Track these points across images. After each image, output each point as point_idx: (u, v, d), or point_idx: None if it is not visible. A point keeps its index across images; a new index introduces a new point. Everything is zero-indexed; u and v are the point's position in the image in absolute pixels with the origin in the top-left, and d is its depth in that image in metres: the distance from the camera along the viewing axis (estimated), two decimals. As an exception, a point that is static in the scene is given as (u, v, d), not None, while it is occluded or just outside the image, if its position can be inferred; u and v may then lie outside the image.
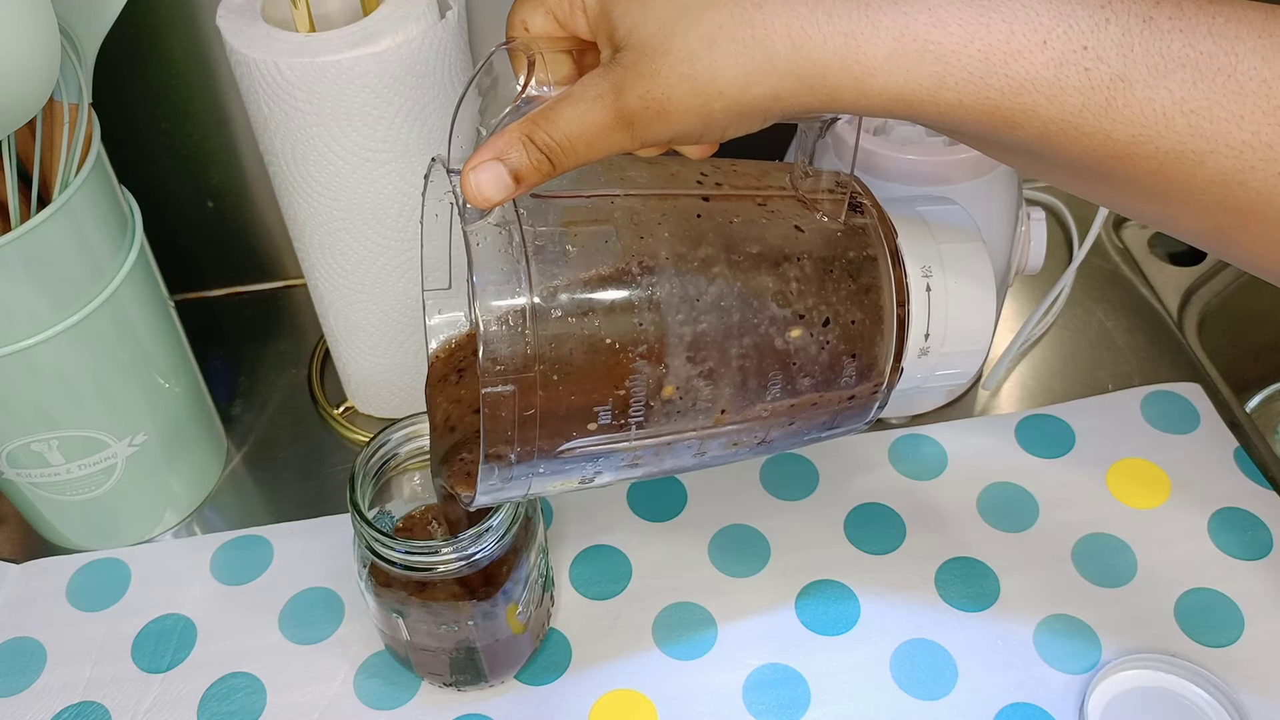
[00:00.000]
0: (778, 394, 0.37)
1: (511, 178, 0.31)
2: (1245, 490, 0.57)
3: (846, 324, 0.37)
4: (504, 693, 0.50)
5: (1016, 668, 0.50)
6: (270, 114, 0.48)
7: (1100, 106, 0.28)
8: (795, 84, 0.29)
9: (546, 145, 0.31)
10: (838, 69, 0.29)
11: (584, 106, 0.31)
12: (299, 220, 0.53)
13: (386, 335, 0.57)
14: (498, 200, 0.31)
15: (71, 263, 0.47)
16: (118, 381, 0.52)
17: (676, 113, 0.30)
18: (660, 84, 0.30)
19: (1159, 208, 0.30)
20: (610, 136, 0.31)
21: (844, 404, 0.38)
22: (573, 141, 0.31)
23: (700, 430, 0.36)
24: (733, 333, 0.36)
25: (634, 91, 0.30)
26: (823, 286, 0.37)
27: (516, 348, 0.33)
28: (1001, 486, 0.58)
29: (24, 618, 0.54)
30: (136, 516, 0.57)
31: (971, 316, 0.39)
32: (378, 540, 0.43)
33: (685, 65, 0.30)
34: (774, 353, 0.36)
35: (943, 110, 0.29)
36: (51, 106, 0.47)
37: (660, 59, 0.30)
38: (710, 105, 0.30)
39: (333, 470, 0.61)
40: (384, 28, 0.46)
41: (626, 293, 0.34)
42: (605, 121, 0.31)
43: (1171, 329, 0.67)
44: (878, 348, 0.38)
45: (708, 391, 0.35)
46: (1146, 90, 0.28)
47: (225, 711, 0.50)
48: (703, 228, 0.36)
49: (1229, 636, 0.51)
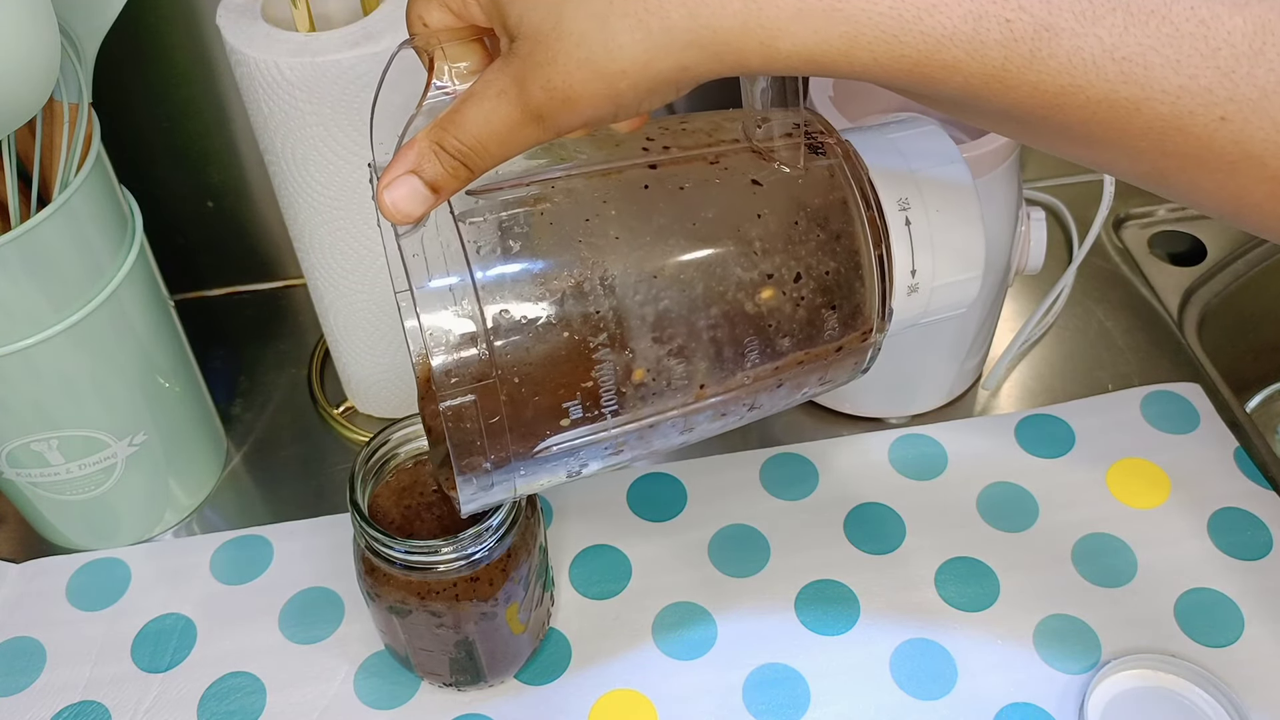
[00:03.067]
0: (757, 359, 0.35)
1: (429, 189, 0.30)
2: (1245, 490, 0.57)
3: (820, 276, 0.35)
4: (504, 693, 0.50)
5: (1016, 668, 0.50)
6: (270, 114, 0.48)
7: (1024, 58, 0.26)
8: (699, 53, 0.27)
9: (458, 150, 0.30)
10: (741, 33, 0.27)
11: (489, 105, 0.30)
12: (299, 220, 0.53)
13: (386, 335, 0.57)
14: (419, 214, 0.30)
15: (71, 263, 0.47)
16: (118, 381, 0.52)
17: (583, 99, 0.28)
18: (559, 71, 0.28)
19: (1094, 154, 0.29)
20: (520, 132, 0.30)
21: (833, 356, 0.36)
22: (484, 142, 0.30)
23: (682, 408, 0.35)
24: (698, 305, 0.34)
25: (535, 83, 0.29)
26: (789, 241, 0.35)
27: (469, 355, 0.32)
28: (1001, 486, 0.58)
29: (24, 617, 0.54)
30: (136, 516, 0.57)
31: (960, 242, 0.36)
32: (378, 540, 0.43)
33: (581, 49, 0.28)
34: (746, 318, 0.34)
35: (857, 70, 0.28)
36: (51, 106, 0.47)
37: (555, 44, 0.28)
38: (615, 86, 0.28)
39: (333, 470, 0.61)
40: (384, 27, 0.46)
41: (577, 281, 0.33)
42: (513, 118, 0.29)
43: (1171, 329, 0.67)
44: (859, 295, 0.36)
45: (681, 369, 0.34)
46: (1074, 39, 0.26)
47: (225, 711, 0.50)
48: (652, 198, 0.34)
49: (1229, 636, 0.51)
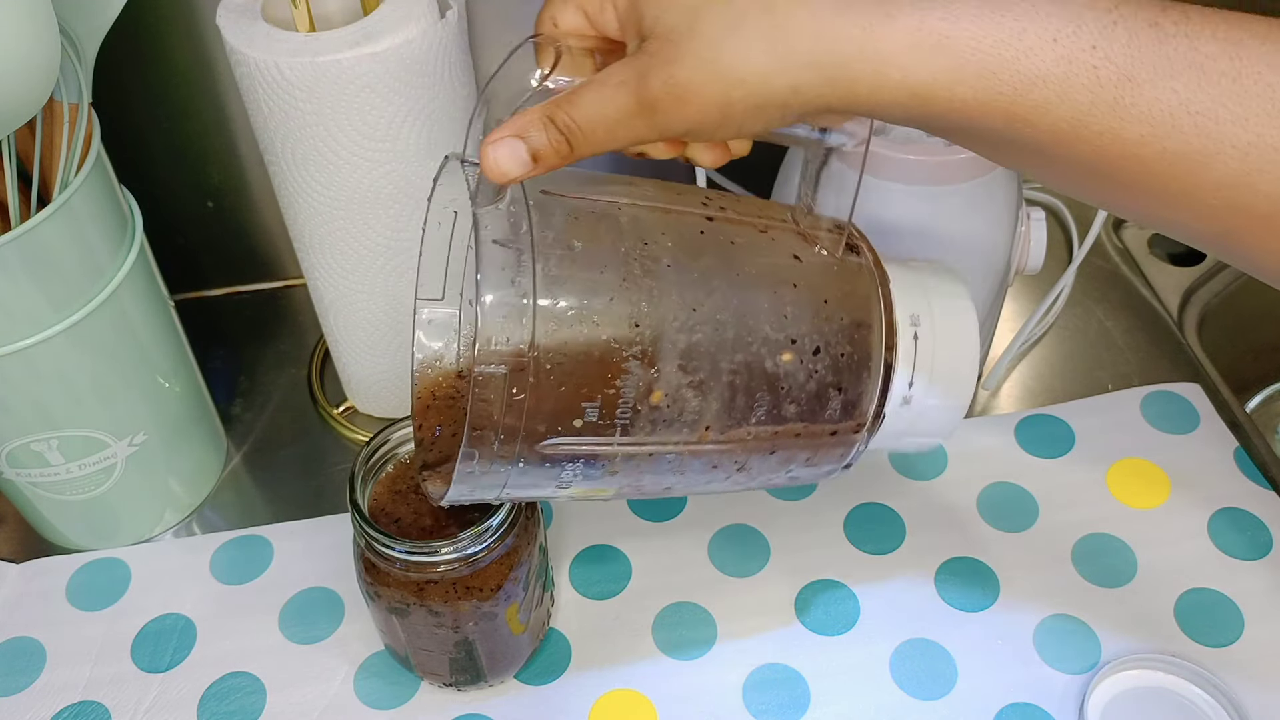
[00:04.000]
0: (763, 417, 0.37)
1: (529, 155, 0.31)
2: (1245, 490, 0.57)
3: (836, 356, 0.37)
4: (504, 693, 0.50)
5: (1016, 668, 0.50)
6: (270, 114, 0.48)
7: (1108, 104, 0.28)
8: (814, 75, 0.30)
9: (567, 126, 0.31)
10: (856, 58, 0.29)
11: (607, 92, 0.31)
12: (299, 220, 0.53)
13: (386, 335, 0.57)
14: (514, 176, 0.32)
15: (71, 263, 0.47)
16: (117, 381, 0.51)
17: (697, 100, 0.30)
18: (683, 69, 0.30)
19: (1166, 211, 0.31)
20: (630, 123, 0.31)
21: (825, 439, 0.38)
22: (593, 124, 0.31)
23: (683, 444, 0.36)
24: (726, 347, 0.36)
25: (657, 77, 0.31)
26: (816, 315, 0.37)
27: (513, 330, 0.33)
28: (1001, 486, 0.58)
29: (24, 618, 0.54)
30: (136, 516, 0.57)
31: (955, 373, 0.39)
32: (378, 540, 0.43)
33: (708, 51, 0.30)
34: (764, 374, 0.36)
35: (956, 105, 0.30)
36: (51, 106, 0.47)
37: (684, 45, 0.30)
38: (730, 94, 0.30)
39: (333, 470, 0.61)
40: (384, 27, 0.46)
41: (626, 293, 0.35)
42: (627, 106, 0.31)
43: (1171, 329, 0.67)
44: (864, 384, 0.38)
45: (695, 403, 0.35)
46: (1153, 90, 0.28)
47: (225, 711, 0.50)
48: (704, 243, 0.36)
49: (1229, 636, 0.51)
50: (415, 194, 0.51)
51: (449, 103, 0.49)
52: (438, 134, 0.50)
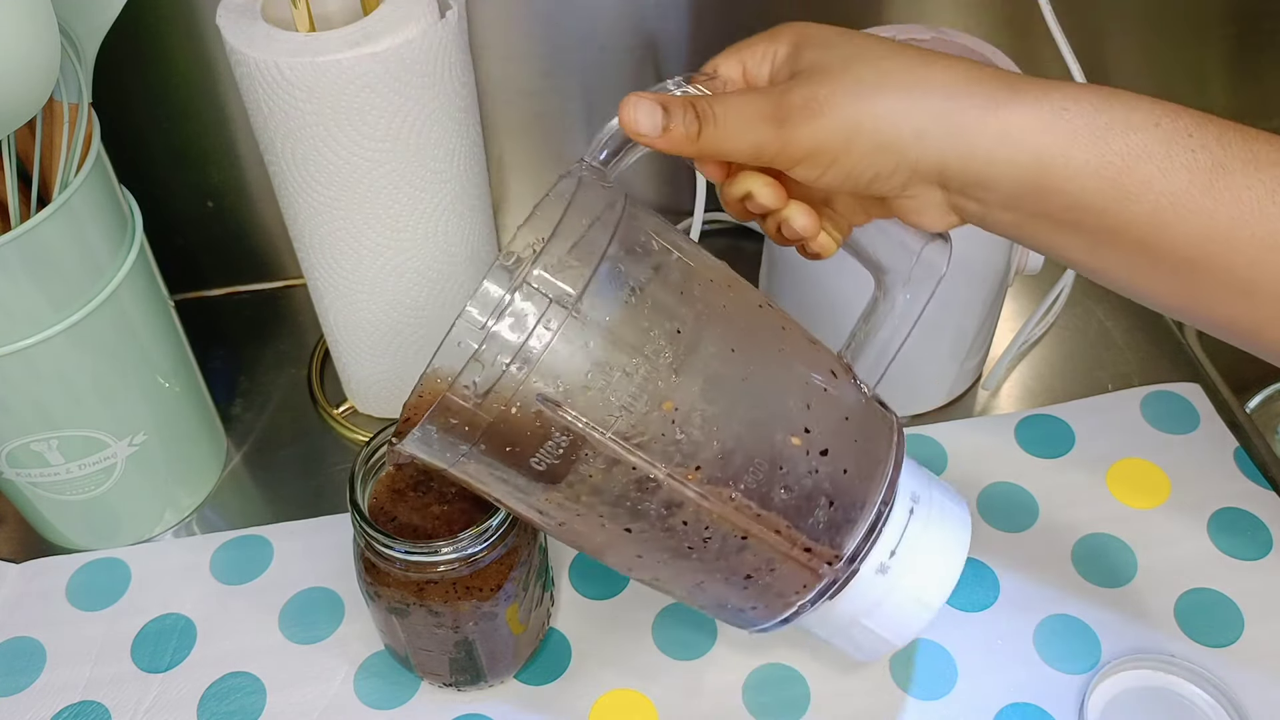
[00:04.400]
0: (752, 486, 0.36)
1: (662, 122, 0.34)
2: (1245, 490, 0.57)
3: (839, 468, 0.37)
4: (504, 693, 0.50)
5: (1016, 668, 0.50)
6: (270, 114, 0.48)
7: (1203, 187, 0.32)
8: (940, 126, 0.33)
9: (704, 111, 0.34)
10: (980, 119, 0.33)
11: (749, 95, 0.35)
12: (299, 220, 0.53)
13: (386, 335, 0.57)
14: (643, 133, 0.34)
15: (71, 262, 0.47)
16: (117, 381, 0.52)
17: (829, 118, 0.33)
18: (825, 88, 0.34)
19: (1252, 309, 0.33)
20: (760, 126, 0.34)
21: (799, 553, 0.37)
22: (727, 117, 0.34)
23: (665, 468, 0.35)
24: (747, 396, 0.36)
25: (800, 91, 0.34)
26: (836, 424, 0.38)
27: (559, 296, 0.33)
28: (1001, 486, 0.58)
29: (24, 617, 0.54)
30: (136, 516, 0.57)
31: (936, 569, 0.39)
32: (377, 540, 0.43)
33: (852, 83, 0.34)
34: (769, 445, 0.36)
35: (1071, 170, 0.32)
36: (51, 106, 0.47)
37: (831, 74, 0.34)
38: (861, 121, 0.33)
39: (333, 470, 0.61)
40: (384, 27, 0.46)
41: (681, 301, 0.36)
42: (763, 109, 0.34)
43: (1171, 329, 0.67)
44: (854, 515, 0.38)
45: (697, 435, 0.35)
46: (1243, 178, 0.31)
47: (225, 711, 0.50)
48: (758, 316, 0.38)
49: (1229, 636, 0.51)
50: (415, 194, 0.51)
51: (449, 103, 0.49)
52: (438, 134, 0.50)
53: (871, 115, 0.33)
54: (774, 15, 0.63)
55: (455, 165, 0.52)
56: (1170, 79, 0.72)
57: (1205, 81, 0.73)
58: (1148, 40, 0.70)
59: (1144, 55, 0.71)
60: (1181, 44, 0.71)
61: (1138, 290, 0.35)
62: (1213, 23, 0.70)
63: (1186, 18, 0.69)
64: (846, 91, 0.34)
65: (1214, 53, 0.72)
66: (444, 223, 0.53)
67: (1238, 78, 0.73)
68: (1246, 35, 0.71)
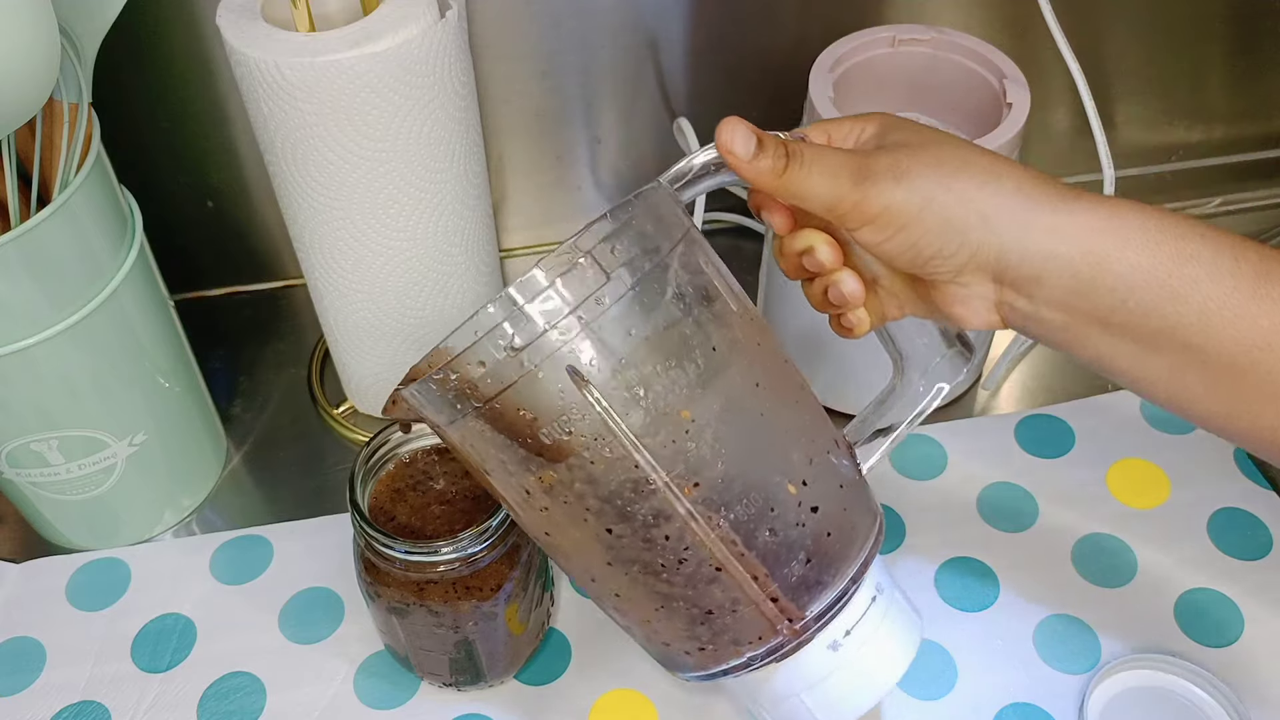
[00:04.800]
0: (742, 519, 0.36)
1: (754, 151, 0.36)
2: (1245, 490, 0.57)
3: (824, 529, 0.38)
4: (504, 693, 0.50)
5: (1016, 668, 0.50)
6: (270, 114, 0.48)
7: (1249, 292, 0.33)
8: (1006, 215, 0.35)
9: (792, 150, 0.36)
10: (1043, 211, 0.35)
11: (837, 150, 0.37)
12: (299, 220, 0.53)
13: (386, 335, 0.57)
14: (735, 151, 0.36)
15: (71, 262, 0.47)
16: (117, 381, 0.52)
17: (907, 186, 0.35)
18: (909, 160, 0.36)
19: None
20: (841, 180, 0.36)
21: (760, 602, 0.37)
22: (813, 162, 0.36)
23: (668, 476, 0.35)
24: (760, 430, 0.37)
25: (885, 158, 0.36)
26: (830, 487, 0.39)
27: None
28: (1001, 486, 0.58)
29: (24, 617, 0.54)
30: (136, 516, 0.57)
31: (882, 662, 0.40)
32: (377, 540, 0.43)
33: (934, 160, 0.36)
34: (768, 483, 0.37)
35: (1123, 268, 0.34)
36: (51, 106, 0.47)
37: (915, 149, 0.36)
38: (935, 195, 0.35)
39: (333, 470, 0.61)
40: (384, 27, 0.46)
41: (721, 325, 0.37)
42: (848, 164, 0.36)
43: (1171, 329, 0.67)
44: (826, 579, 0.38)
45: (707, 449, 0.35)
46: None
47: (225, 711, 0.50)
48: (784, 369, 0.39)
49: (1229, 636, 0.51)
50: (415, 194, 0.51)
51: (449, 103, 0.49)
52: (438, 134, 0.50)
53: (946, 191, 0.35)
54: (774, 15, 0.64)
55: (455, 165, 0.52)
56: (1170, 79, 0.72)
57: (1205, 81, 0.73)
58: (1148, 40, 0.70)
59: (1144, 55, 0.71)
60: (1181, 44, 0.71)
61: (1182, 401, 0.36)
62: (1213, 23, 0.70)
63: (1186, 18, 0.69)
64: (928, 166, 0.35)
65: (1214, 53, 0.72)
66: (444, 223, 0.53)
67: (1238, 78, 0.73)
68: (1246, 35, 0.71)
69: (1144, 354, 0.35)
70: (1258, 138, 0.77)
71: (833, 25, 0.57)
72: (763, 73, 0.66)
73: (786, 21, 0.64)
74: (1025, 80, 0.52)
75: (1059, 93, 0.68)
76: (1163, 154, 0.77)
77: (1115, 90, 0.72)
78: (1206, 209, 0.75)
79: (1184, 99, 0.74)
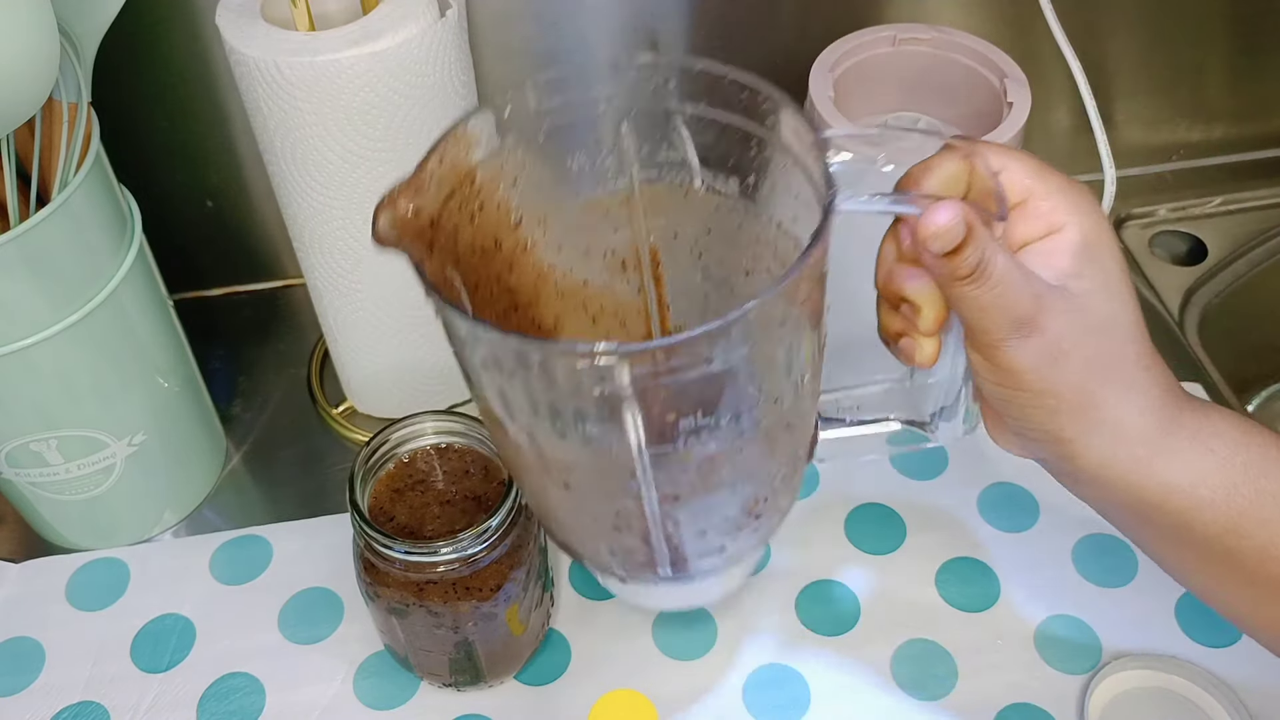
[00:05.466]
0: (686, 520, 0.36)
1: (958, 241, 0.32)
2: (1245, 490, 0.57)
3: (753, 526, 0.38)
4: (503, 693, 0.50)
5: (1016, 668, 0.50)
6: (270, 113, 0.48)
7: (1259, 520, 0.34)
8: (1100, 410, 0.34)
9: (985, 264, 0.33)
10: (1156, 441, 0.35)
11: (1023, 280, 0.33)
12: (298, 220, 0.53)
13: (386, 335, 0.57)
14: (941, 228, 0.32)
15: (70, 262, 0.47)
16: (117, 381, 0.51)
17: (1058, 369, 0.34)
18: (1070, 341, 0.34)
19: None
20: (1003, 320, 0.33)
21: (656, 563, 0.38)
22: (995, 284, 0.33)
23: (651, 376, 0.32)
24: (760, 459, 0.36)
25: (1056, 322, 0.33)
26: (785, 500, 0.38)
27: None
28: (1001, 486, 0.58)
29: (23, 617, 0.54)
30: (135, 516, 0.57)
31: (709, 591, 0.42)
32: (377, 540, 0.43)
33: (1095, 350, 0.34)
34: (732, 502, 0.36)
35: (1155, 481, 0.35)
36: (51, 105, 0.47)
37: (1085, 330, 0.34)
38: (1070, 392, 0.34)
39: (332, 470, 0.61)
40: (384, 27, 0.46)
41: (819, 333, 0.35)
42: (1021, 305, 0.33)
43: (1172, 329, 0.67)
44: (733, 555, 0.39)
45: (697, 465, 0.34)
46: None
47: (225, 711, 0.50)
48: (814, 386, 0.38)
49: (1229, 636, 0.51)
50: (415, 194, 0.51)
51: (449, 102, 0.49)
52: (438, 134, 0.50)
53: (1080, 393, 0.34)
54: (774, 15, 0.64)
55: (455, 165, 0.52)
56: (1171, 78, 0.72)
57: (1206, 81, 0.73)
58: (1148, 40, 0.70)
59: (1144, 55, 0.71)
60: (1181, 44, 0.71)
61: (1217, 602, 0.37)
62: (1213, 22, 0.70)
63: (1186, 18, 0.69)
64: (1083, 359, 0.34)
65: (1214, 52, 0.72)
66: (444, 222, 0.53)
67: (1238, 77, 0.73)
68: (1246, 35, 0.71)
69: (1198, 565, 0.36)
70: (1258, 137, 0.77)
71: (833, 25, 0.57)
72: (763, 72, 0.65)
73: (786, 21, 0.64)
74: (1026, 79, 0.52)
75: (1060, 92, 0.68)
76: (1163, 153, 0.77)
77: (1116, 89, 0.72)
78: (1206, 209, 0.75)
79: (1185, 98, 0.74)
